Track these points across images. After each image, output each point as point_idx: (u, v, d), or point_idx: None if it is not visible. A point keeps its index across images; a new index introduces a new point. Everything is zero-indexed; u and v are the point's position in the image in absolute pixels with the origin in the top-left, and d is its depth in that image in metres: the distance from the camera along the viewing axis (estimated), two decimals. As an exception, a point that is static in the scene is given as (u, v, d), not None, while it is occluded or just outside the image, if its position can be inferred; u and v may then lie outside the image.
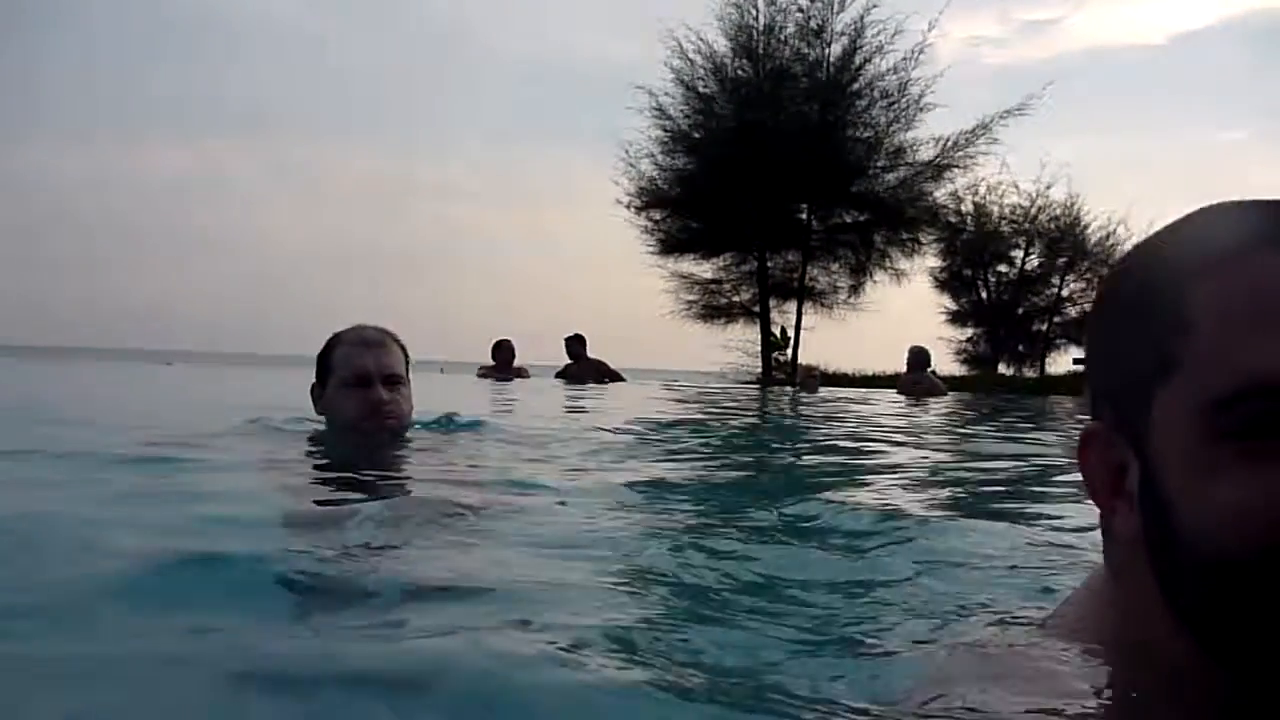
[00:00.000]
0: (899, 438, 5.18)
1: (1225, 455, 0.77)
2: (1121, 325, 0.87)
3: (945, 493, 3.02)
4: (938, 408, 9.50)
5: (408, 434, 3.04)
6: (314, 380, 3.04)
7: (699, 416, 6.67)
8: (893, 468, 3.66)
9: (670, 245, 20.67)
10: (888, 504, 2.38)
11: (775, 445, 4.95)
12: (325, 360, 2.99)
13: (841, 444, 4.76)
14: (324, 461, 2.96)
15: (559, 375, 12.84)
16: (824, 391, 13.41)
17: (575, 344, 13.04)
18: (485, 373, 12.03)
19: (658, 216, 20.63)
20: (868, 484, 3.10)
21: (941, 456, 4.39)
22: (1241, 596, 0.77)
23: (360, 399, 2.89)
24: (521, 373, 12.32)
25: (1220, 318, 0.78)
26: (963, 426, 6.98)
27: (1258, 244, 0.79)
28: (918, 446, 4.75)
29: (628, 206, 20.51)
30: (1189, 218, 0.87)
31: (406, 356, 3.05)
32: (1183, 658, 0.83)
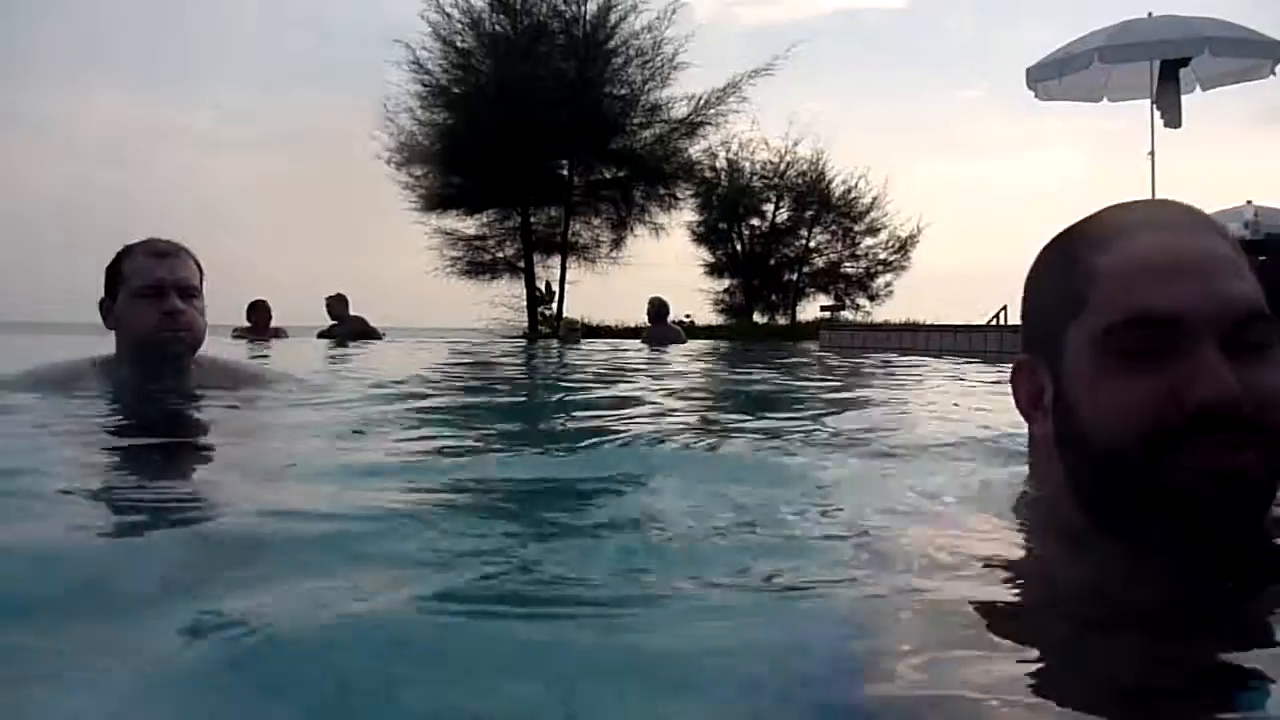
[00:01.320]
0: (638, 380, 5.54)
1: (1112, 367, 1.11)
2: (1046, 283, 1.24)
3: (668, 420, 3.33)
4: (676, 353, 10.04)
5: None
6: (103, 295, 2.95)
7: (459, 369, 6.83)
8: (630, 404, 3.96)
9: (433, 202, 20.55)
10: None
11: (538, 390, 5.19)
12: (115, 271, 2.92)
13: (592, 387, 5.05)
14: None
15: (321, 335, 12.56)
16: (584, 344, 13.79)
17: (337, 304, 12.71)
18: (241, 334, 11.68)
19: (419, 172, 20.45)
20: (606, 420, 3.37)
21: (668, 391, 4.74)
22: (1123, 475, 1.10)
23: (155, 310, 2.84)
24: (279, 333, 12.03)
25: (1113, 273, 1.13)
26: (687, 368, 7.45)
27: (1140, 227, 1.17)
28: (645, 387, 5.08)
29: (388, 162, 20.25)
30: (1101, 212, 1.25)
31: (200, 270, 2.99)
32: (1082, 529, 1.18)
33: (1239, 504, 1.08)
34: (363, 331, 12.24)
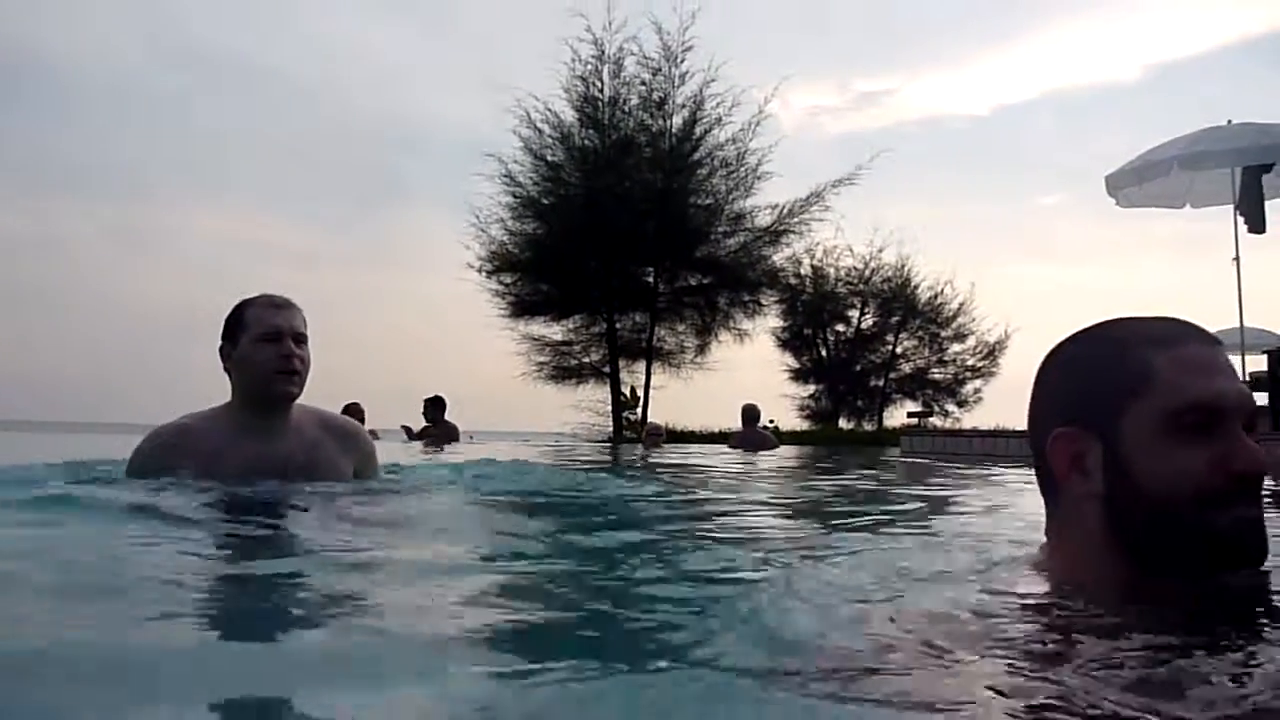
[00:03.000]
0: (726, 480, 5.68)
1: (1170, 441, 1.42)
2: (1097, 371, 1.51)
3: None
4: (768, 458, 10.13)
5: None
6: (222, 341, 3.37)
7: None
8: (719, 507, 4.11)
9: (521, 308, 21.14)
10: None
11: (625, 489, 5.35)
12: (237, 321, 3.34)
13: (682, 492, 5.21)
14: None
15: (414, 437, 12.79)
16: (668, 448, 13.94)
17: (433, 407, 13.12)
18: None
19: (508, 280, 21.08)
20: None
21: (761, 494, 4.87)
22: (1174, 524, 1.41)
23: (273, 351, 3.26)
24: (373, 435, 12.38)
25: (1170, 368, 1.44)
26: (783, 473, 7.55)
27: (1186, 339, 1.48)
28: (737, 489, 5.22)
29: (478, 270, 20.94)
30: (1127, 319, 1.56)
31: (305, 321, 3.42)
32: (1112, 574, 1.45)
33: (1263, 544, 1.42)
34: (453, 436, 12.52)
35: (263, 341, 3.28)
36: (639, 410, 21.07)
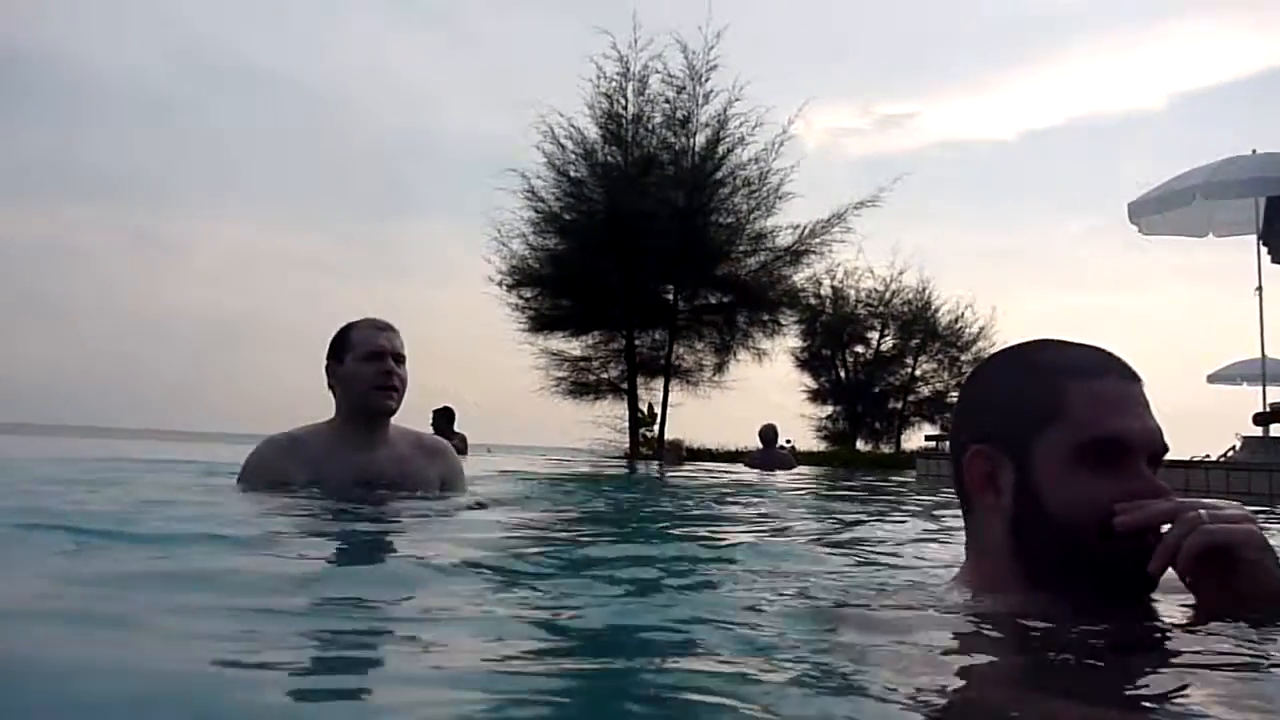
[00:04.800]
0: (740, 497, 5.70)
1: (1077, 471, 1.47)
2: (1013, 394, 1.57)
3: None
4: (784, 477, 10.15)
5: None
6: (328, 359, 3.65)
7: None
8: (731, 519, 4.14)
9: (540, 323, 21.19)
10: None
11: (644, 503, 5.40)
12: (343, 341, 3.63)
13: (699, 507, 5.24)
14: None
15: None
16: (687, 465, 13.97)
17: (441, 418, 13.16)
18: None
19: (528, 294, 21.14)
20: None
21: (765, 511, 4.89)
22: (1078, 548, 1.46)
23: (377, 369, 3.55)
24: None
25: (1084, 400, 1.49)
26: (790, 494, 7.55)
27: (1106, 372, 1.53)
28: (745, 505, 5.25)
29: (499, 284, 21.01)
30: (1054, 343, 1.61)
31: (403, 344, 3.70)
32: (1015, 587, 1.52)
33: (1152, 576, 1.46)
34: (461, 449, 12.55)
35: (366, 360, 3.56)
36: (655, 427, 21.08)
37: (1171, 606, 1.47)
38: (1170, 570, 1.44)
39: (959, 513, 1.65)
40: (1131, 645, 1.38)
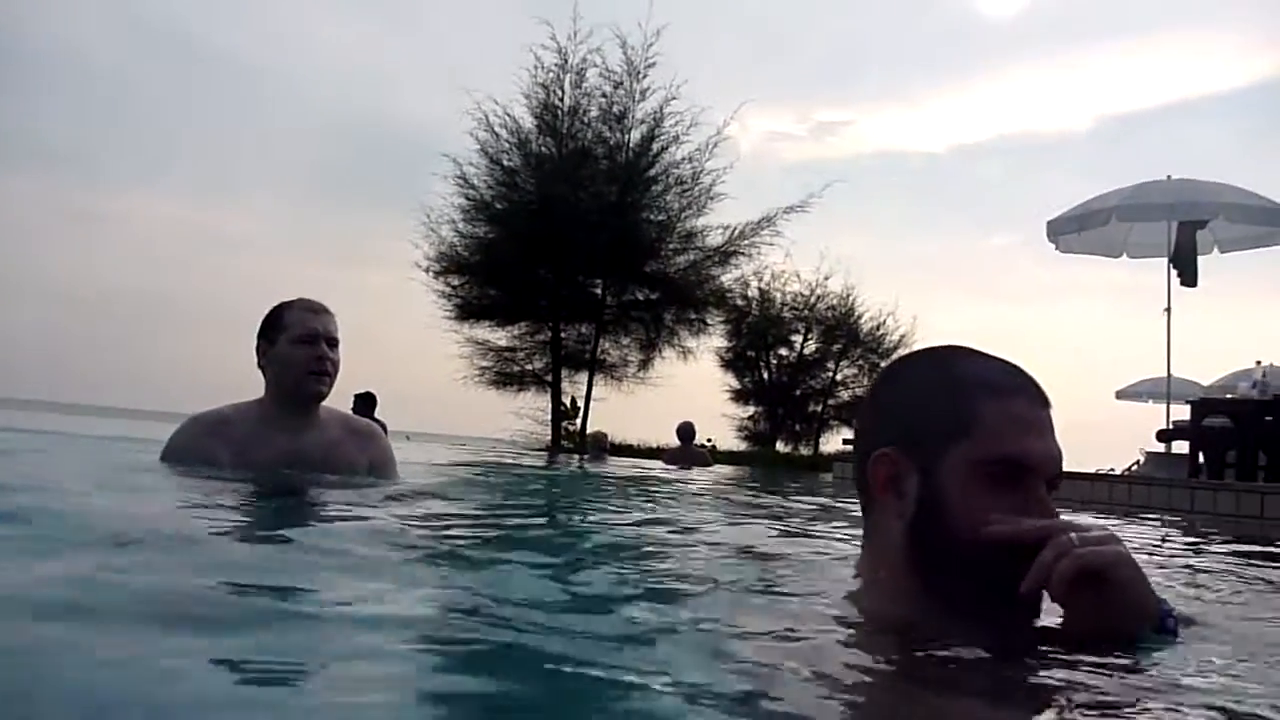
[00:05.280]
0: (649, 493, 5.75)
1: (982, 487, 1.52)
2: (927, 403, 1.60)
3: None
4: (701, 474, 10.24)
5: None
6: (259, 339, 3.58)
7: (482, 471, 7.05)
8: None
9: (467, 311, 21.03)
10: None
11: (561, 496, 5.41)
12: (276, 322, 3.57)
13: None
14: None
15: None
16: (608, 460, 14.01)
17: (362, 403, 12.96)
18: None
19: (456, 282, 20.96)
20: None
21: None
22: (968, 564, 1.50)
23: (309, 353, 3.50)
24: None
25: (994, 419, 1.54)
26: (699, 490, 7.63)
27: (1016, 390, 1.59)
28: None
29: (426, 270, 20.83)
30: (970, 355, 1.66)
31: (338, 327, 3.65)
32: (906, 588, 1.56)
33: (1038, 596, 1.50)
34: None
35: (299, 343, 3.51)
36: (578, 421, 21.09)
37: (1049, 619, 1.53)
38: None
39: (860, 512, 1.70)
40: (1006, 653, 1.43)
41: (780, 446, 24.66)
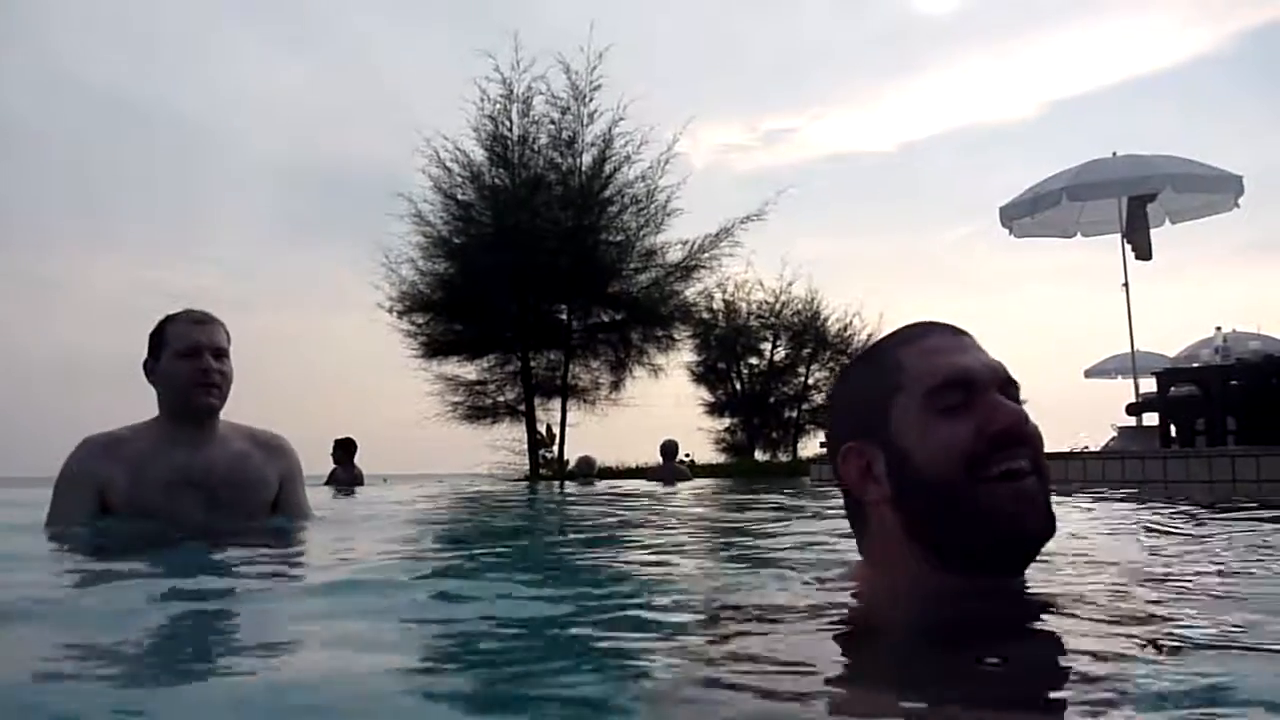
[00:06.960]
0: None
1: (933, 419, 1.51)
2: (861, 384, 1.65)
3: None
4: (685, 489, 10.27)
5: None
6: (146, 357, 3.46)
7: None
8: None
9: (433, 348, 20.91)
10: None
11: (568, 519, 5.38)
12: (159, 337, 3.45)
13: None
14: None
15: (328, 482, 12.48)
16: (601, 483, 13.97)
17: (341, 449, 12.84)
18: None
19: (420, 320, 20.87)
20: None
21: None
22: (952, 500, 1.48)
23: (193, 367, 3.36)
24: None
25: (915, 360, 1.56)
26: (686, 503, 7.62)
27: (929, 332, 1.62)
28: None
29: (389, 310, 20.72)
30: (883, 338, 1.68)
31: (228, 335, 3.53)
32: (916, 572, 1.54)
33: (1042, 515, 1.49)
34: (359, 481, 12.29)
35: (182, 357, 3.38)
36: (555, 448, 21.01)
37: (1053, 586, 1.53)
38: (1050, 544, 1.51)
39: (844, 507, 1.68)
40: (1014, 623, 1.43)
41: (759, 455, 24.67)
